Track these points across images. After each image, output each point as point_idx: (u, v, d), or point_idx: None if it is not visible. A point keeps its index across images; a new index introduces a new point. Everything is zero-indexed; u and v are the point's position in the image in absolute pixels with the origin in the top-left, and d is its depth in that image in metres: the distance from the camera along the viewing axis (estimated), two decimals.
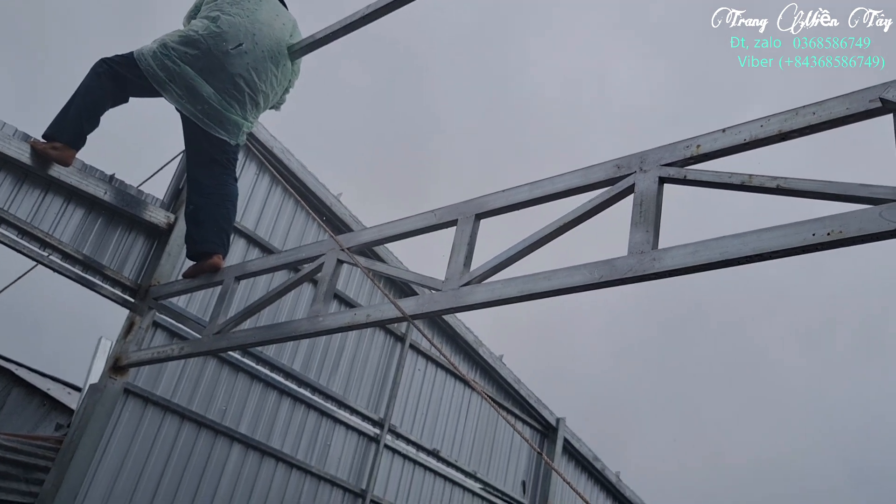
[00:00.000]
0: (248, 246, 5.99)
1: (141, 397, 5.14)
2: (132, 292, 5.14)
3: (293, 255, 4.37)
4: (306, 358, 6.37)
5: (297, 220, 6.45)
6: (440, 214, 3.70)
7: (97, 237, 5.02)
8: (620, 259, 2.88)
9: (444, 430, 7.54)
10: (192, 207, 4.84)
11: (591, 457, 9.13)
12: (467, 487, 7.63)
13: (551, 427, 8.71)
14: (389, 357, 7.13)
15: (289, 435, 6.12)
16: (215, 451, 5.58)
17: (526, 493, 8.33)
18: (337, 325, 3.78)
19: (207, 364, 5.62)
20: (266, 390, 6.01)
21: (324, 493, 6.30)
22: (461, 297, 3.35)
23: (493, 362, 8.06)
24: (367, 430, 6.75)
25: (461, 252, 3.49)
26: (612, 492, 9.44)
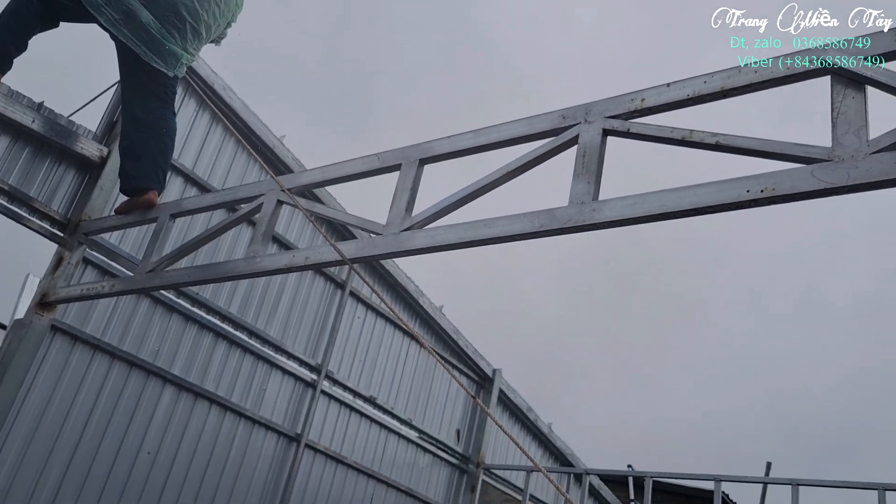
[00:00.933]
0: (186, 185, 5.82)
1: (69, 335, 5.00)
2: (61, 226, 4.96)
3: (231, 194, 4.27)
4: (244, 301, 6.28)
5: (238, 160, 6.29)
6: (384, 158, 3.65)
7: (24, 168, 4.80)
8: (561, 209, 2.90)
9: (381, 378, 7.58)
10: (128, 142, 4.67)
11: (524, 407, 9.33)
12: (402, 435, 7.73)
13: (487, 378, 8.85)
14: (329, 303, 7.10)
15: (223, 378, 6.07)
16: (146, 393, 5.49)
17: (460, 442, 8.49)
18: (275, 267, 3.73)
19: (140, 303, 5.49)
20: (201, 332, 5.91)
21: (258, 436, 6.29)
22: (401, 241, 3.34)
23: (433, 312, 8.10)
24: (303, 375, 6.74)
25: (403, 197, 3.46)
26: (543, 442, 9.70)
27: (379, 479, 7.36)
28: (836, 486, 6.42)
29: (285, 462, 6.48)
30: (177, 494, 5.61)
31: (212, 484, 5.86)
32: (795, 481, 6.39)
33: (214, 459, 5.90)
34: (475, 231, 3.10)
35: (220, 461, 5.94)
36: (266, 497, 6.28)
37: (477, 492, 8.42)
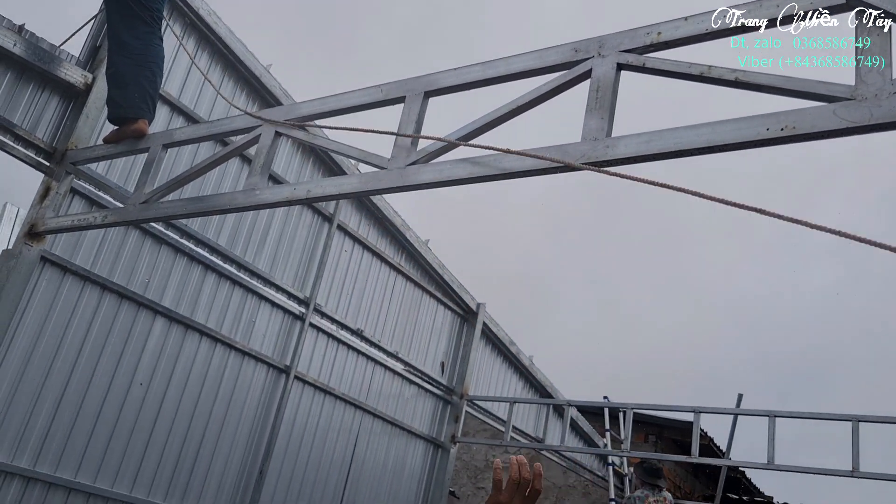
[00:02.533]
0: (172, 114, 5.67)
1: (59, 266, 4.93)
2: (47, 155, 4.82)
3: (227, 124, 4.17)
4: (232, 234, 6.22)
5: (224, 89, 6.13)
6: (387, 90, 3.57)
7: (6, 94, 4.63)
8: (573, 145, 2.88)
9: (368, 311, 7.62)
10: (114, 68, 4.52)
11: (507, 341, 9.48)
12: (389, 367, 7.83)
13: (471, 311, 8.94)
14: (317, 237, 7.06)
15: (213, 310, 6.05)
16: (137, 324, 5.47)
17: (444, 374, 8.62)
18: (275, 200, 3.67)
19: (129, 235, 5.41)
20: (190, 265, 5.87)
21: (248, 368, 6.33)
22: (407, 176, 3.30)
23: (419, 247, 8.11)
24: (292, 308, 6.75)
25: (408, 130, 3.40)
26: (524, 375, 9.89)
27: (366, 409, 7.48)
28: (811, 418, 6.66)
29: (275, 393, 6.55)
30: (169, 425, 5.65)
31: (203, 414, 5.91)
32: (772, 413, 6.61)
33: (206, 390, 5.94)
34: (484, 167, 3.07)
35: (211, 392, 5.98)
36: (256, 427, 6.36)
37: (460, 422, 8.61)
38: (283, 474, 6.57)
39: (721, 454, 11.76)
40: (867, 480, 6.23)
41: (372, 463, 7.55)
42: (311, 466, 6.87)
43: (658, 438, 12.25)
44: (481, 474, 13.46)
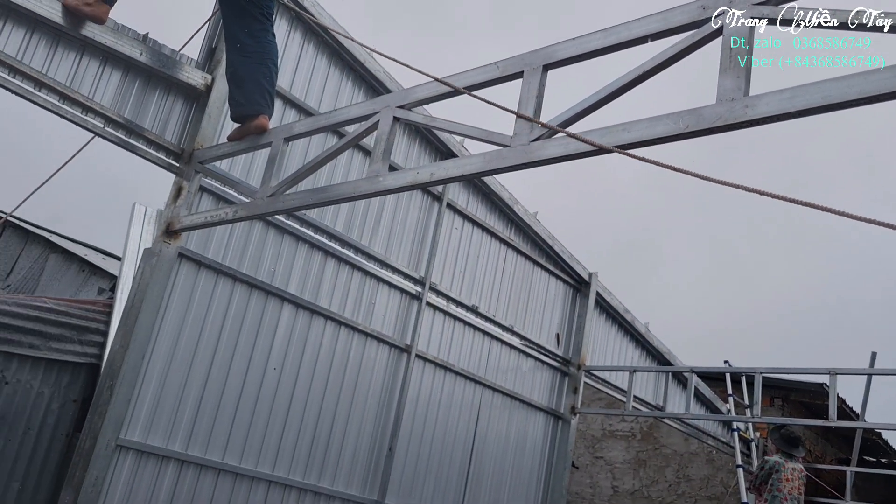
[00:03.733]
0: (285, 107, 5.83)
1: (194, 261, 5.20)
2: (176, 156, 5.07)
3: (344, 113, 4.25)
4: (348, 220, 6.37)
5: (332, 79, 6.25)
6: (504, 67, 3.54)
7: (136, 100, 4.89)
8: (709, 108, 2.76)
9: (481, 287, 7.66)
10: (233, 68, 4.68)
11: (621, 309, 9.33)
12: (505, 341, 7.86)
13: (584, 282, 8.84)
14: (427, 217, 7.13)
15: (335, 294, 6.24)
16: (267, 312, 5.70)
17: (560, 345, 8.59)
18: (399, 185, 3.73)
19: (254, 227, 5.63)
20: (311, 252, 6.06)
21: (371, 348, 6.50)
22: (531, 152, 3.26)
23: (528, 219, 8.06)
24: (408, 288, 6.87)
25: (529, 106, 3.36)
26: (641, 342, 9.72)
27: (485, 384, 7.56)
28: None
29: (397, 372, 6.71)
30: (303, 406, 5.89)
31: (333, 395, 6.12)
32: None
33: (333, 372, 6.15)
34: (612, 136, 3.00)
35: (338, 373, 6.19)
36: (383, 406, 6.54)
37: (579, 393, 8.57)
38: (410, 450, 6.74)
39: (854, 416, 11.22)
40: None
41: (494, 436, 7.63)
42: (437, 442, 7.01)
43: (784, 402, 11.80)
44: (598, 444, 13.39)
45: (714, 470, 12.04)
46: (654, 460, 12.70)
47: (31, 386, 6.03)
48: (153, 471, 4.93)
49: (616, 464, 13.07)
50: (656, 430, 12.75)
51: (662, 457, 12.64)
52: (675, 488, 12.32)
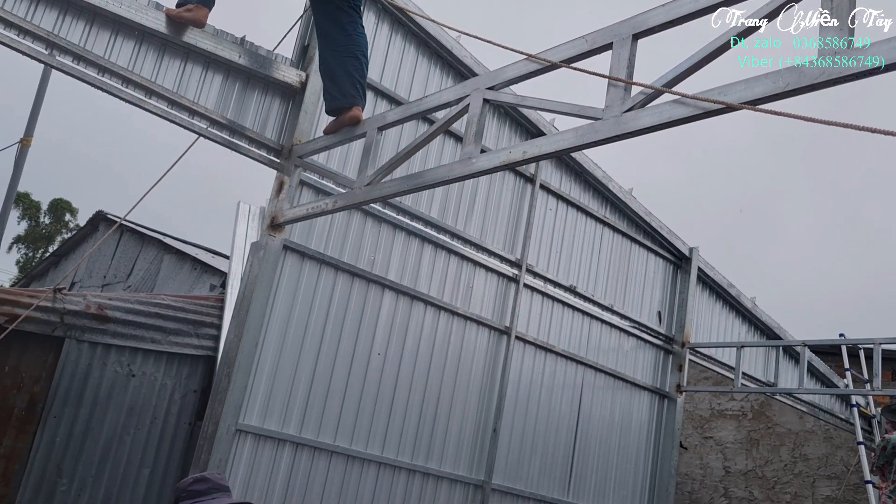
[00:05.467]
0: (376, 98, 5.97)
1: (298, 252, 5.41)
2: (276, 153, 5.28)
3: (435, 99, 4.32)
4: (442, 205, 6.46)
5: (420, 67, 6.34)
6: (592, 39, 3.51)
7: (237, 102, 5.12)
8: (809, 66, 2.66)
9: (578, 267, 7.61)
10: (325, 63, 4.83)
11: (725, 284, 9.05)
12: (605, 321, 7.78)
13: (685, 257, 8.63)
14: (521, 199, 7.14)
15: (433, 280, 6.35)
16: (369, 299, 5.87)
17: (662, 323, 8.42)
18: (493, 165, 3.76)
19: (353, 218, 5.80)
20: (408, 239, 6.18)
21: (471, 331, 6.58)
22: (625, 123, 3.23)
23: (622, 196, 7.94)
24: (505, 270, 6.90)
25: (617, 84, 3.32)
26: (748, 317, 9.41)
27: (587, 364, 7.51)
28: None
29: (498, 354, 6.76)
30: (407, 390, 6.04)
31: (436, 378, 6.24)
32: None
33: (435, 355, 6.26)
34: (707, 102, 2.93)
35: (440, 357, 6.30)
36: (485, 387, 6.61)
37: (684, 371, 8.39)
38: (514, 431, 6.79)
39: None
40: None
41: (599, 416, 7.58)
42: (541, 422, 7.03)
43: None
44: (707, 423, 13.04)
45: (833, 448, 11.52)
46: (767, 439, 12.27)
47: (155, 378, 6.45)
48: (271, 453, 5.18)
49: (727, 444, 12.71)
50: (768, 408, 12.31)
51: (776, 435, 12.20)
52: (790, 468, 11.87)
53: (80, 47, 4.40)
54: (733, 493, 12.37)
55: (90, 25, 4.46)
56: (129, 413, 6.17)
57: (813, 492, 11.55)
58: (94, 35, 4.47)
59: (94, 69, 4.46)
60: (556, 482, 7.09)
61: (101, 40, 4.49)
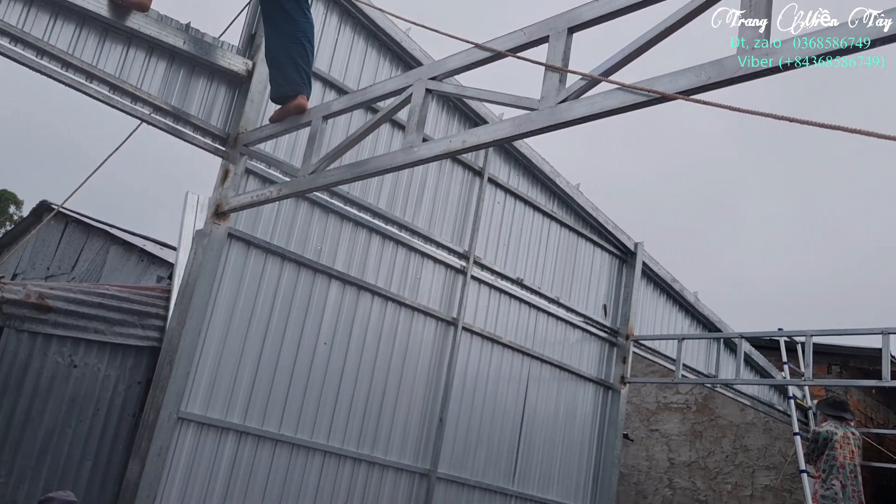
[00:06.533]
0: (325, 88, 5.99)
1: (243, 241, 5.41)
2: (222, 141, 5.27)
3: (379, 89, 4.37)
4: (390, 197, 6.51)
5: (369, 59, 6.37)
6: (530, 32, 3.61)
7: (182, 88, 5.10)
8: (730, 58, 2.79)
9: (525, 259, 7.73)
10: (271, 51, 4.84)
11: (668, 279, 9.28)
12: (551, 313, 7.92)
13: (630, 252, 8.82)
14: (469, 192, 7.23)
15: (381, 270, 6.39)
16: (316, 288, 5.89)
17: (607, 316, 8.60)
18: (433, 154, 3.83)
19: (300, 207, 5.82)
20: (356, 229, 6.22)
21: (418, 322, 6.65)
22: (559, 114, 3.33)
23: (570, 191, 8.09)
24: (453, 262, 6.98)
25: (554, 70, 3.42)
26: (690, 311, 9.66)
27: (533, 356, 7.64)
28: None
29: (445, 345, 6.84)
30: (354, 380, 6.07)
31: (383, 368, 6.29)
32: None
33: (382, 346, 6.31)
34: (638, 93, 3.04)
35: (387, 347, 6.35)
36: (432, 378, 6.69)
37: (628, 363, 8.58)
38: (461, 421, 6.88)
39: None
40: None
41: (544, 407, 7.72)
42: (487, 413, 7.13)
43: (842, 369, 11.57)
44: (653, 416, 13.34)
45: (772, 439, 11.90)
46: (710, 431, 12.61)
47: (98, 369, 6.35)
48: (214, 441, 5.17)
49: (672, 436, 13.02)
50: (711, 401, 12.64)
51: (718, 428, 12.54)
52: (732, 459, 12.23)
53: (18, 29, 4.33)
54: (677, 484, 12.68)
55: (29, 7, 4.40)
56: (71, 404, 6.07)
57: (752, 481, 11.92)
58: (32, 17, 4.40)
59: (32, 51, 4.40)
60: (501, 471, 7.20)
61: (39, 23, 4.43)
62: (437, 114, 6.89)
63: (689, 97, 2.95)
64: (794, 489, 11.09)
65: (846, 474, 8.82)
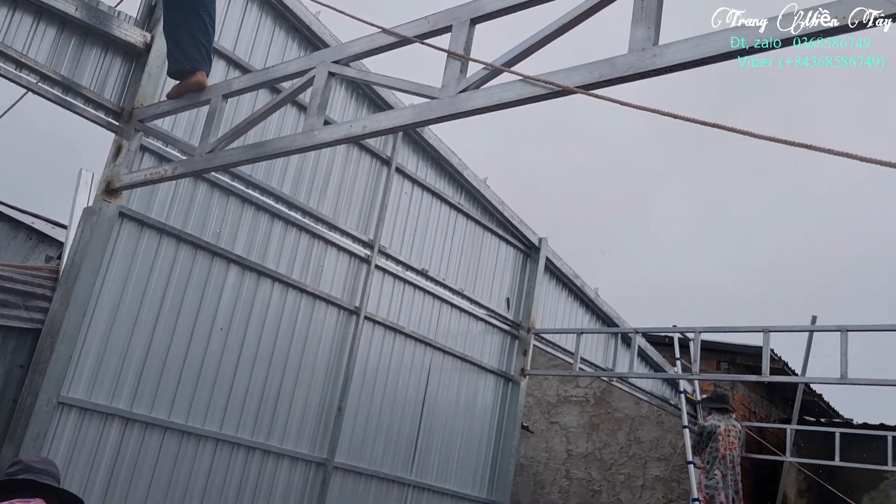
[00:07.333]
0: (229, 68, 5.82)
1: (136, 220, 5.20)
2: (115, 115, 5.05)
3: (281, 69, 4.28)
4: (295, 182, 6.40)
5: (277, 40, 6.24)
6: (434, 20, 3.61)
7: (73, 58, 4.85)
8: (621, 57, 2.88)
9: (431, 251, 7.76)
10: (170, 25, 4.67)
11: (570, 274, 9.51)
12: (455, 304, 7.98)
13: (534, 247, 8.99)
14: (376, 181, 7.19)
15: (283, 256, 6.28)
16: (213, 273, 5.74)
17: (510, 309, 8.75)
18: (334, 138, 3.79)
19: (199, 187, 5.64)
20: (258, 213, 6.09)
21: (319, 310, 6.57)
22: (459, 103, 3.35)
23: (477, 185, 8.16)
24: (357, 251, 6.94)
25: (456, 59, 3.44)
26: (590, 307, 9.93)
27: (435, 346, 7.68)
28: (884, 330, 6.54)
29: (347, 334, 6.79)
30: (251, 367, 5.95)
31: (282, 356, 6.19)
32: (844, 328, 6.52)
33: (282, 333, 6.21)
34: (534, 86, 3.10)
35: (287, 334, 6.25)
36: (332, 366, 6.63)
37: (528, 355, 8.75)
38: (360, 410, 6.85)
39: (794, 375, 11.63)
40: None
41: (445, 398, 7.78)
42: (387, 403, 7.13)
43: (730, 365, 12.17)
44: (553, 409, 13.67)
45: (663, 432, 12.40)
46: (606, 424, 13.03)
47: None
48: (97, 428, 4.97)
49: (570, 428, 13.38)
50: (609, 395, 13.06)
51: (615, 420, 12.97)
52: (626, 450, 12.67)
53: None
54: (574, 475, 13.04)
55: None
56: None
57: (644, 472, 12.39)
58: None
59: None
60: (399, 461, 7.22)
61: None
62: (346, 100, 6.81)
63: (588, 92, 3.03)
64: (682, 479, 11.60)
65: (727, 465, 9.31)
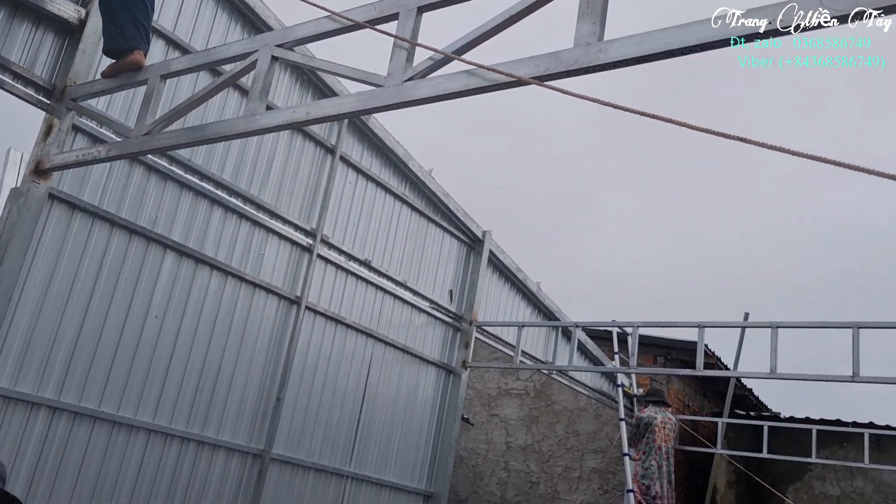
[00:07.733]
0: (168, 48, 5.65)
1: (67, 203, 5.01)
2: (46, 93, 4.84)
3: (223, 51, 4.17)
4: (236, 168, 6.27)
5: (220, 22, 6.08)
6: (381, 7, 3.57)
7: (1, 32, 4.63)
8: (566, 51, 2.89)
9: (374, 241, 7.71)
10: (106, 1, 4.50)
11: (513, 268, 9.58)
12: (398, 296, 7.95)
13: (477, 240, 9.01)
14: (320, 169, 7.09)
15: (222, 244, 6.15)
16: (148, 259, 5.57)
17: (453, 301, 8.76)
18: (275, 124, 3.71)
19: (134, 170, 5.47)
20: (196, 199, 5.93)
21: (259, 299, 6.46)
22: (404, 92, 3.32)
23: (422, 176, 8.14)
24: (299, 239, 6.84)
25: (403, 47, 3.40)
26: (532, 301, 10.02)
27: (377, 337, 7.64)
28: (813, 327, 6.79)
29: (287, 324, 6.70)
30: (186, 356, 5.82)
31: (219, 345, 6.07)
32: (775, 324, 6.73)
33: (220, 322, 6.08)
34: (479, 77, 3.09)
35: (225, 323, 6.13)
36: (271, 356, 6.53)
37: (470, 348, 8.78)
38: (299, 401, 6.77)
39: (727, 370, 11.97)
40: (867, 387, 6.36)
41: (385, 389, 7.75)
42: (327, 393, 7.06)
43: (667, 360, 12.46)
44: (494, 401, 13.77)
45: (601, 424, 12.62)
46: (545, 416, 13.20)
47: None
48: (22, 418, 4.78)
49: (510, 420, 13.50)
50: (549, 387, 13.22)
51: (554, 413, 13.14)
52: (564, 442, 12.86)
53: None
54: (512, 467, 13.18)
55: None
56: None
57: (581, 464, 12.60)
58: None
59: None
60: (338, 453, 7.16)
61: None
62: (290, 86, 6.70)
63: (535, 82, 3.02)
64: (618, 471, 11.83)
65: (662, 455, 9.55)
